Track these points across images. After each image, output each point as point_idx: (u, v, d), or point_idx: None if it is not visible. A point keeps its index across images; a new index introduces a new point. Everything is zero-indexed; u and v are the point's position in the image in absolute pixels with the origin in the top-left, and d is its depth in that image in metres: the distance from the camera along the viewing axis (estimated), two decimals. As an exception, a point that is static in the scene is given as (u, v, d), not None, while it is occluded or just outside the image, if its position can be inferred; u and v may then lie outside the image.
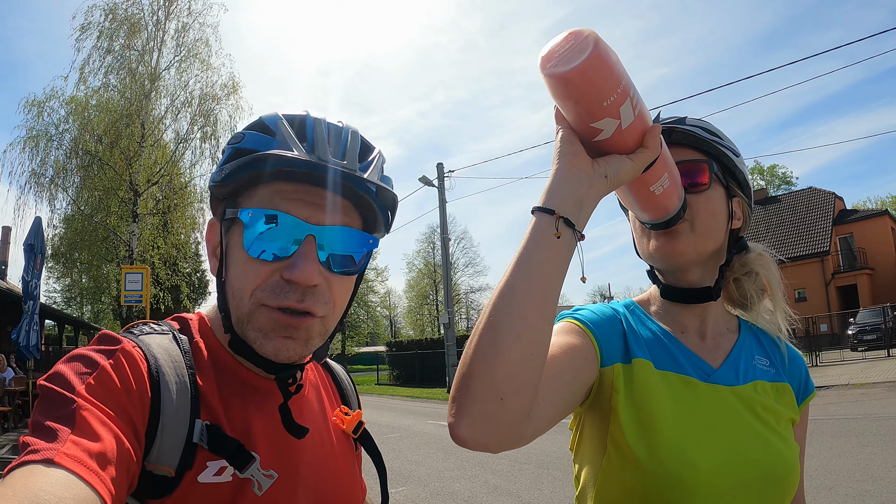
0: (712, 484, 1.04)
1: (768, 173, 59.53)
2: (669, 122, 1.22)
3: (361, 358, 59.47)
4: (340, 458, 1.09)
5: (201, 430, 0.86)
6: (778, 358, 1.28)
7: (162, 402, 0.84)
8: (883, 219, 36.32)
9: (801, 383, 1.28)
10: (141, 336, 0.90)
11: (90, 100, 21.90)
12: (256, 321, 0.90)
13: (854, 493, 6.11)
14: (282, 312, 0.89)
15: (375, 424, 14.96)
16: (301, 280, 0.88)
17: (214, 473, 0.86)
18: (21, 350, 12.54)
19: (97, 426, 0.72)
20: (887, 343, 21.10)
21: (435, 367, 30.68)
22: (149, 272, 13.66)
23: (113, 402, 0.77)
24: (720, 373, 1.18)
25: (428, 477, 8.60)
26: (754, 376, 1.20)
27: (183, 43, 23.08)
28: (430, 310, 59.39)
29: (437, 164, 24.80)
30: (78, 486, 0.63)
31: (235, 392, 0.95)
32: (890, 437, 8.55)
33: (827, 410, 11.63)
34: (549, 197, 0.92)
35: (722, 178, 1.22)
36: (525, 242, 0.90)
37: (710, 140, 1.21)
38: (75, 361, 0.80)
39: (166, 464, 0.83)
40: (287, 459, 0.96)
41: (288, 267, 0.89)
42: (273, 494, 0.91)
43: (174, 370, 0.88)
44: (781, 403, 1.20)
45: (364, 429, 1.15)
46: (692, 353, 1.20)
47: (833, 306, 32.76)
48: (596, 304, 1.28)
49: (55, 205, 22.09)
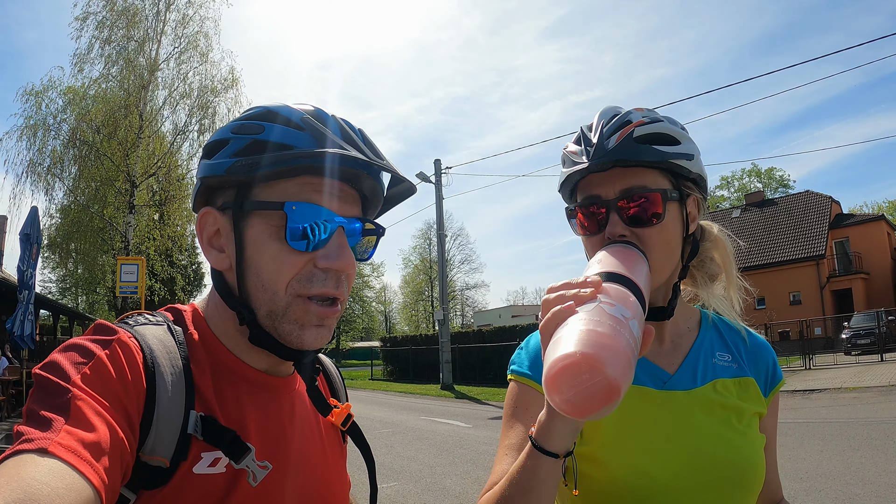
0: (671, 489, 1.08)
1: (766, 176, 59.73)
2: (616, 150, 1.12)
3: (356, 353, 59.54)
4: (329, 450, 1.10)
5: (196, 422, 0.86)
6: (741, 351, 1.28)
7: (157, 392, 0.84)
8: (879, 224, 36.42)
9: (768, 374, 1.28)
10: (136, 326, 0.91)
11: (88, 90, 21.85)
12: (293, 313, 0.91)
13: (844, 496, 6.14)
14: (318, 304, 0.92)
15: (368, 419, 14.99)
16: (341, 268, 0.93)
17: (209, 465, 0.86)
18: (15, 339, 12.52)
19: (92, 416, 0.71)
20: (881, 348, 21.18)
21: (429, 362, 30.70)
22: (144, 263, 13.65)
23: (108, 393, 0.77)
24: (676, 378, 1.19)
25: (420, 472, 8.62)
26: (714, 375, 1.21)
27: (183, 35, 23.07)
28: (425, 306, 59.55)
29: (435, 160, 24.82)
30: (71, 475, 0.63)
31: (229, 384, 0.95)
32: (881, 442, 8.59)
33: (819, 414, 11.68)
34: (551, 440, 0.93)
35: (676, 188, 1.18)
36: (527, 478, 0.96)
37: (664, 155, 1.13)
38: (71, 351, 0.79)
39: (161, 454, 0.83)
40: (280, 451, 0.97)
41: (323, 256, 0.92)
42: (267, 486, 0.92)
43: (169, 361, 0.88)
44: (745, 399, 1.20)
45: (353, 421, 1.16)
46: (647, 362, 1.21)
47: (827, 310, 32.83)
48: (533, 339, 1.27)
49: (52, 195, 22.12)
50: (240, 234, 0.93)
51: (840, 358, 22.11)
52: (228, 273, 0.96)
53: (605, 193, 1.17)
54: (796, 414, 11.82)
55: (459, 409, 17.08)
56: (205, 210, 0.97)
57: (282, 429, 0.98)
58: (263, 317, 0.92)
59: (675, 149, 1.15)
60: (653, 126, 1.15)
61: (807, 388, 15.50)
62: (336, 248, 0.92)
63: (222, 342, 0.98)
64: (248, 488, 0.89)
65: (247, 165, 0.90)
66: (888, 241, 36.25)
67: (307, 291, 0.91)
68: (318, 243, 0.91)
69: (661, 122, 1.16)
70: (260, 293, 0.92)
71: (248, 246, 0.92)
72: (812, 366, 20.67)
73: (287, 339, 0.92)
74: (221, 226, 0.96)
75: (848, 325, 24.84)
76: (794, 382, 16.78)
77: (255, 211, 0.92)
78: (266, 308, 0.92)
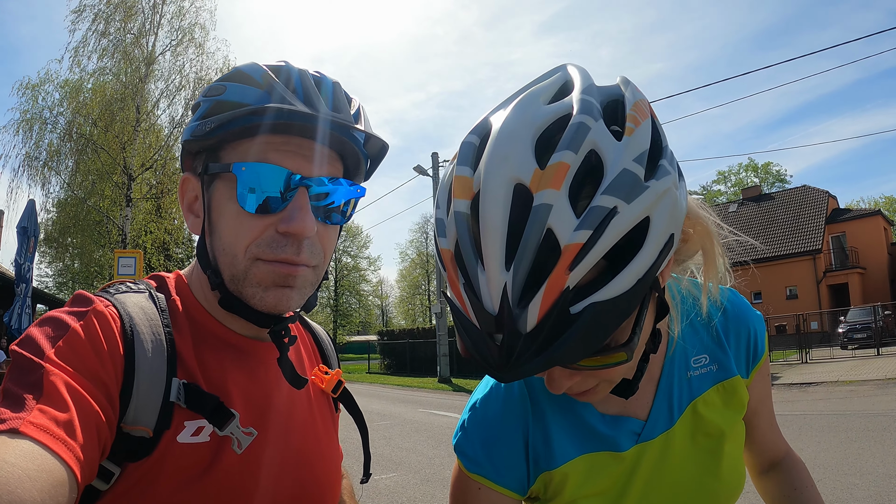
0: None
1: (762, 170, 59.65)
2: (536, 352, 0.68)
3: (353, 346, 59.47)
4: (319, 417, 1.08)
5: (178, 389, 0.84)
6: (719, 339, 1.07)
7: (136, 361, 0.82)
8: (876, 219, 36.52)
9: (750, 351, 1.08)
10: (117, 294, 0.89)
11: (85, 83, 21.71)
12: (254, 276, 0.89)
13: (842, 486, 6.16)
14: (280, 263, 0.88)
15: (366, 412, 14.78)
16: (299, 232, 0.88)
17: (192, 433, 0.85)
18: (13, 333, 12.48)
19: (66, 392, 0.70)
20: (877, 342, 21.21)
21: (426, 356, 30.71)
22: (142, 256, 13.60)
23: (83, 366, 0.75)
24: (650, 424, 1.01)
25: (418, 464, 8.62)
26: (691, 396, 1.03)
27: (179, 27, 22.91)
28: (421, 299, 59.54)
29: (432, 153, 24.74)
30: (43, 456, 0.62)
31: (213, 350, 0.93)
32: (878, 433, 8.60)
33: (816, 406, 11.70)
34: None
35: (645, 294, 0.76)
36: None
37: None
38: (46, 325, 0.78)
39: (143, 424, 0.81)
40: (266, 417, 0.95)
41: (284, 220, 0.88)
42: (253, 452, 0.90)
43: (150, 328, 0.86)
44: (730, 405, 1.05)
45: (344, 388, 1.13)
46: (616, 418, 1.01)
47: (824, 304, 32.91)
48: (485, 407, 1.05)
49: (48, 189, 21.98)
50: (207, 199, 0.92)
51: (837, 352, 22.12)
52: (206, 238, 0.94)
53: None
54: (793, 406, 11.84)
55: (457, 402, 17.06)
56: (184, 176, 0.97)
57: (267, 395, 0.96)
58: (228, 280, 0.90)
59: (641, 262, 0.70)
60: (602, 241, 0.67)
61: (803, 381, 15.51)
62: (295, 210, 0.88)
63: (206, 308, 0.96)
64: (234, 456, 0.87)
65: (201, 128, 0.88)
66: (885, 235, 36.37)
67: (265, 256, 0.88)
68: (274, 206, 0.88)
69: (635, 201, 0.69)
70: (222, 257, 0.90)
71: (213, 210, 0.91)
72: (809, 360, 20.68)
73: (252, 302, 0.90)
74: (196, 191, 0.95)
75: (844, 319, 24.84)
76: (790, 376, 16.81)
77: (217, 174, 0.90)
78: (229, 272, 0.90)
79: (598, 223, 0.67)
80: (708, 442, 1.02)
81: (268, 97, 0.88)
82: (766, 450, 1.22)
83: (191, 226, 0.96)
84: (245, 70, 0.91)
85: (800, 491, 1.20)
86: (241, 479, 0.88)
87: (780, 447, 1.25)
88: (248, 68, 0.91)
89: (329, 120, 0.88)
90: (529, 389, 1.04)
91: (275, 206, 0.88)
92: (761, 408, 1.16)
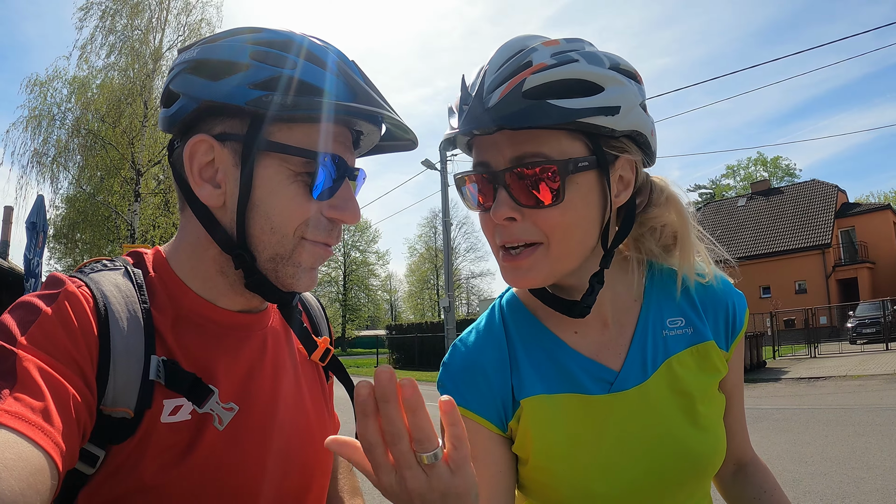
0: (630, 497, 1.01)
1: (771, 165, 59.41)
2: (494, 110, 0.87)
3: (361, 341, 59.63)
4: (306, 388, 1.06)
5: (158, 366, 0.83)
6: (696, 307, 1.10)
7: (112, 340, 0.80)
8: (885, 213, 36.20)
9: (728, 323, 1.10)
10: (91, 274, 0.87)
11: (93, 80, 21.81)
12: (299, 256, 0.90)
13: (849, 479, 6.14)
14: (324, 245, 0.92)
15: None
16: (350, 220, 0.92)
17: (170, 412, 0.83)
18: (23, 327, 12.54)
19: (40, 378, 0.69)
20: (886, 337, 21.08)
21: (434, 350, 30.71)
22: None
23: (57, 350, 0.74)
24: (623, 375, 1.03)
25: (426, 459, 8.61)
26: (666, 353, 1.05)
27: (186, 23, 22.98)
28: (430, 294, 59.55)
29: (440, 147, 24.66)
30: (19, 443, 0.61)
31: (192, 326, 0.91)
32: (886, 428, 8.57)
33: (824, 400, 11.66)
34: None
35: (592, 152, 0.92)
36: None
37: (566, 114, 0.86)
38: (18, 310, 0.76)
39: (124, 404, 0.80)
40: (247, 391, 0.93)
41: (335, 207, 0.91)
42: (236, 428, 0.89)
43: (125, 306, 0.84)
44: (705, 369, 1.06)
45: (333, 356, 1.12)
46: (588, 361, 1.04)
47: (833, 299, 32.70)
48: (464, 344, 1.10)
49: (57, 185, 22.11)
50: (249, 173, 0.85)
51: (845, 347, 22.01)
52: (220, 211, 0.89)
53: (493, 161, 0.94)
54: (801, 400, 11.82)
55: (464, 397, 17.06)
56: (199, 137, 0.87)
57: (249, 369, 0.95)
58: (266, 260, 0.89)
59: (591, 101, 0.88)
60: (558, 71, 0.88)
61: (812, 375, 15.46)
62: (345, 200, 0.92)
63: (187, 284, 0.93)
64: (216, 432, 0.87)
65: (279, 105, 0.82)
66: (894, 230, 36.04)
67: (314, 237, 0.90)
68: (331, 193, 0.90)
69: (574, 62, 0.89)
70: (267, 236, 0.87)
71: (259, 186, 0.86)
72: (817, 354, 20.61)
73: (286, 282, 0.90)
74: (220, 158, 0.87)
75: (853, 314, 24.74)
76: (799, 370, 16.76)
77: (271, 152, 0.86)
78: (271, 251, 0.88)
79: (563, 61, 0.90)
80: (685, 401, 1.04)
81: (346, 87, 0.87)
82: (734, 446, 1.18)
83: (205, 196, 0.88)
84: (306, 46, 0.87)
85: (769, 494, 1.19)
86: (226, 454, 0.88)
87: (746, 450, 1.25)
88: (310, 45, 0.88)
89: (393, 119, 0.92)
90: (507, 330, 1.10)
91: (331, 193, 0.90)
92: (734, 392, 1.17)
